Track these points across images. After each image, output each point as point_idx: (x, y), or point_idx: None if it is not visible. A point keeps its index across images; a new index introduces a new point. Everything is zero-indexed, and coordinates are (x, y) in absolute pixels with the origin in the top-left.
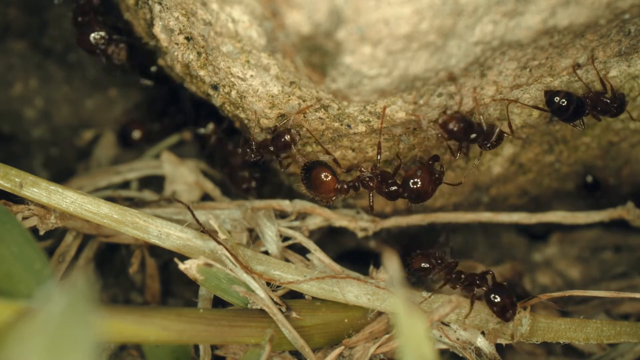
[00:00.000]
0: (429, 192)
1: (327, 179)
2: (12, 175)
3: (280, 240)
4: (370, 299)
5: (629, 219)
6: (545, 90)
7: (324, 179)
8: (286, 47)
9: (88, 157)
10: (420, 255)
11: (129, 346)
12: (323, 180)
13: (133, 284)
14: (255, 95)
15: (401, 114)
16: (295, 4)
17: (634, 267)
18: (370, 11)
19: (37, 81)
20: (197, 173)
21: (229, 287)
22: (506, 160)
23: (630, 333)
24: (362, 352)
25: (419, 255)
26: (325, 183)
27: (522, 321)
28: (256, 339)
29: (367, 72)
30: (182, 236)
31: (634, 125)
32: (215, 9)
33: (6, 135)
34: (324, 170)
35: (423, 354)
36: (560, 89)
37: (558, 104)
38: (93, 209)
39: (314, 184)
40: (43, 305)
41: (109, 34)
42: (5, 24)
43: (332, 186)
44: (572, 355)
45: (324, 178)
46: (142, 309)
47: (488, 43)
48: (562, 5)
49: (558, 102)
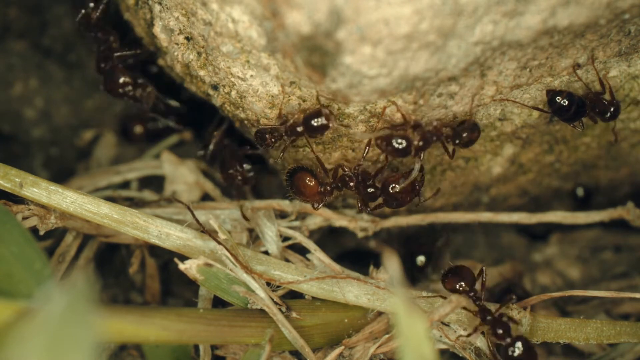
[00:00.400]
0: (405, 201)
1: (310, 183)
2: (12, 175)
3: (280, 240)
4: (370, 299)
5: (629, 219)
6: (547, 89)
7: (307, 183)
8: (286, 47)
9: (88, 157)
10: (455, 273)
11: (129, 346)
12: (306, 185)
13: (133, 284)
14: (255, 95)
15: (401, 114)
16: (295, 4)
17: (634, 267)
18: (370, 11)
19: (37, 81)
20: (197, 173)
21: (229, 287)
22: (506, 161)
23: (630, 333)
24: (362, 352)
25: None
26: (309, 187)
27: (522, 321)
28: (256, 339)
29: (367, 72)
30: (182, 236)
31: (634, 125)
32: (215, 9)
33: (6, 135)
34: (306, 174)
35: (423, 354)
36: (562, 89)
37: (559, 103)
38: (93, 209)
39: (298, 190)
40: (43, 305)
41: (134, 78)
42: (5, 24)
43: (315, 190)
44: (572, 355)
45: (307, 182)
46: (142, 309)
47: (488, 43)
48: (562, 5)
49: (559, 102)
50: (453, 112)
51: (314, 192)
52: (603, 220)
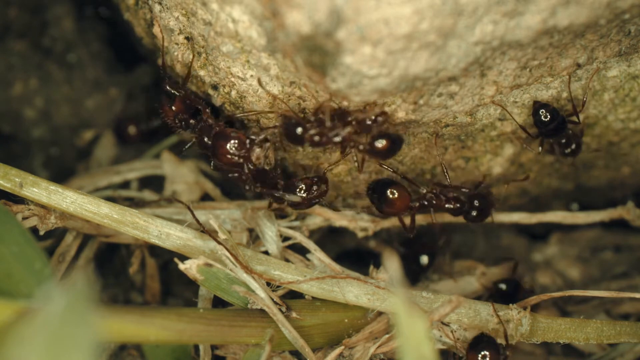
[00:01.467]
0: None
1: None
2: (12, 175)
3: (280, 240)
4: (370, 299)
5: (629, 219)
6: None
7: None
8: (286, 47)
9: (88, 157)
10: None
11: (129, 346)
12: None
13: (133, 284)
14: (255, 95)
15: (401, 114)
16: (295, 4)
17: (634, 267)
18: (371, 11)
19: (37, 81)
20: (197, 173)
21: (229, 287)
22: (506, 161)
23: (630, 333)
24: (362, 352)
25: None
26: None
27: (522, 321)
28: (256, 339)
29: (367, 72)
30: (182, 236)
31: (634, 125)
32: (216, 9)
33: (6, 135)
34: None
35: (423, 354)
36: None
37: (541, 117)
38: (93, 209)
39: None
40: (43, 305)
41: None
42: (5, 24)
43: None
44: (572, 355)
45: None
46: (142, 309)
47: (488, 43)
48: (562, 5)
49: (542, 115)
50: (453, 112)
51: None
52: (603, 220)
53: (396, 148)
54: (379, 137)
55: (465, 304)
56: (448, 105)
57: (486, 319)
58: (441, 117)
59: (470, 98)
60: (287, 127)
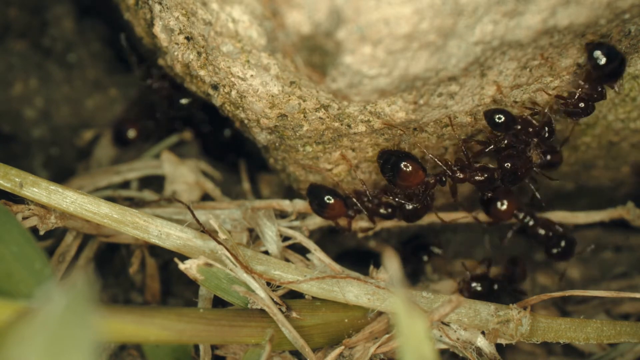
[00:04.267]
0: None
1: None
2: (12, 175)
3: (280, 240)
4: (370, 298)
5: (629, 219)
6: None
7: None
8: (286, 47)
9: (88, 157)
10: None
11: (129, 346)
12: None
13: (133, 284)
14: (256, 95)
15: (401, 114)
16: (296, 4)
17: (634, 267)
18: (371, 11)
19: (37, 81)
20: (197, 173)
21: (229, 287)
22: None
23: (630, 333)
24: (362, 352)
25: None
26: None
27: (522, 321)
28: (256, 338)
29: (367, 72)
30: (182, 236)
31: (634, 125)
32: (216, 9)
33: (6, 135)
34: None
35: (423, 354)
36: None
37: (495, 119)
38: (93, 209)
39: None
40: (43, 305)
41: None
42: (5, 24)
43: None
44: (572, 355)
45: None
46: (142, 309)
47: (488, 43)
48: (562, 5)
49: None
50: (453, 112)
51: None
52: (603, 220)
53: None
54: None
55: (465, 303)
56: (448, 105)
57: (486, 318)
58: (441, 117)
59: (471, 98)
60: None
